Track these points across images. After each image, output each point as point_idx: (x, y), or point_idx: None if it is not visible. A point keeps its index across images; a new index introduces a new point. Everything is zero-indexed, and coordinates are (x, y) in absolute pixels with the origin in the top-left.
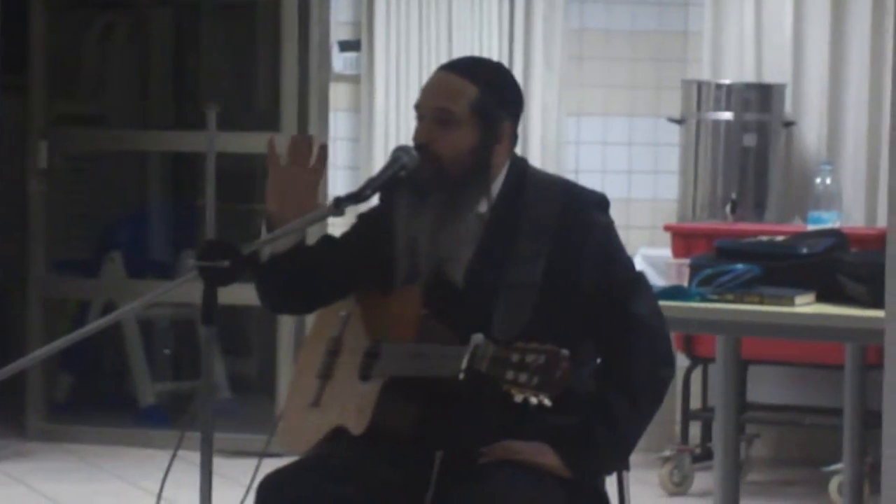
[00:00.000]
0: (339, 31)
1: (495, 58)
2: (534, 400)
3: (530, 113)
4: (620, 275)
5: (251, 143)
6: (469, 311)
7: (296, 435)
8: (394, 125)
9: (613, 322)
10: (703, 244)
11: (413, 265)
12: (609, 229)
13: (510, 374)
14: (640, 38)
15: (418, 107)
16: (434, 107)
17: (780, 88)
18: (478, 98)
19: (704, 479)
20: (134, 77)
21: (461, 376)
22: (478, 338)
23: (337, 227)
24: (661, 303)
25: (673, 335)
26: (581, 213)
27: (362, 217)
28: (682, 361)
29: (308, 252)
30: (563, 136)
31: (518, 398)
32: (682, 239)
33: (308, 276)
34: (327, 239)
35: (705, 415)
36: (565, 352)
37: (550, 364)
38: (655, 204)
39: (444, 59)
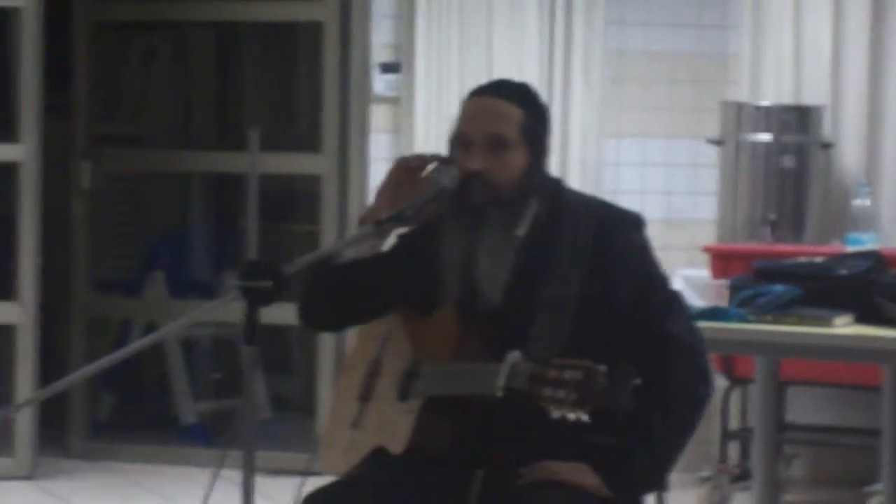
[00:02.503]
0: (380, 53)
1: (535, 79)
2: (571, 416)
3: (570, 134)
4: (656, 294)
5: (292, 164)
6: (506, 330)
7: (336, 456)
8: (433, 146)
9: (650, 341)
10: (742, 265)
11: (452, 286)
12: (645, 248)
13: (547, 391)
14: (680, 60)
15: (465, 134)
16: (487, 132)
17: (819, 110)
18: (524, 120)
19: (743, 499)
20: (176, 98)
21: (499, 394)
22: (515, 355)
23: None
24: (701, 323)
25: (712, 356)
26: (617, 233)
27: (403, 238)
28: (721, 382)
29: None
30: (602, 158)
31: (555, 414)
32: (721, 260)
33: (348, 294)
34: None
35: (744, 435)
36: (603, 367)
37: (588, 380)
38: (694, 225)
39: (483, 82)
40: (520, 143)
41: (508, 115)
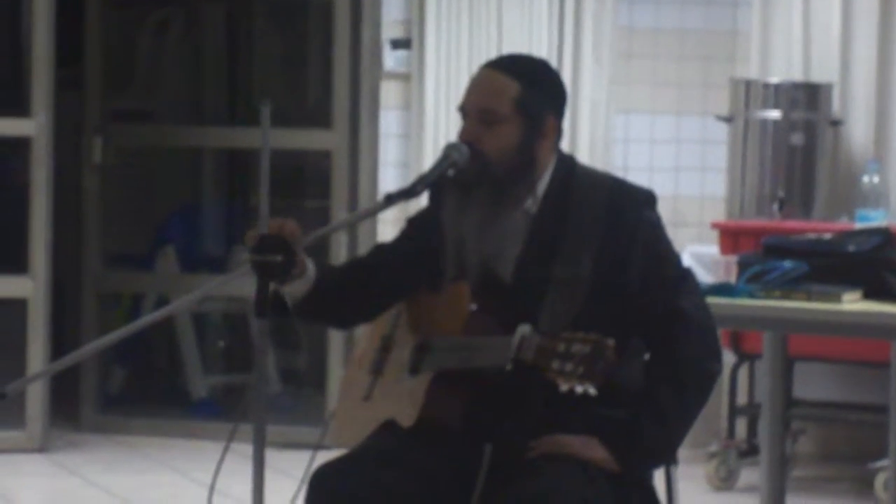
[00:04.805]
0: (391, 29)
1: (545, 55)
2: (579, 389)
3: (579, 110)
4: (668, 271)
5: (303, 139)
6: (517, 306)
7: (347, 429)
8: (444, 122)
9: (661, 317)
10: (751, 242)
11: (461, 262)
12: (657, 225)
13: (556, 364)
14: (689, 37)
15: (463, 106)
16: (478, 105)
17: (828, 87)
18: (520, 94)
19: (751, 475)
20: (188, 73)
21: (508, 367)
22: (524, 328)
23: (386, 223)
24: (709, 299)
25: (720, 331)
26: (629, 210)
27: (411, 220)
28: (728, 358)
29: (352, 270)
30: (611, 134)
31: (564, 387)
32: (730, 236)
33: (366, 291)
34: (379, 249)
35: (752, 410)
36: (611, 340)
37: (596, 353)
38: (703, 201)
39: (493, 57)
40: (512, 118)
41: (502, 89)
